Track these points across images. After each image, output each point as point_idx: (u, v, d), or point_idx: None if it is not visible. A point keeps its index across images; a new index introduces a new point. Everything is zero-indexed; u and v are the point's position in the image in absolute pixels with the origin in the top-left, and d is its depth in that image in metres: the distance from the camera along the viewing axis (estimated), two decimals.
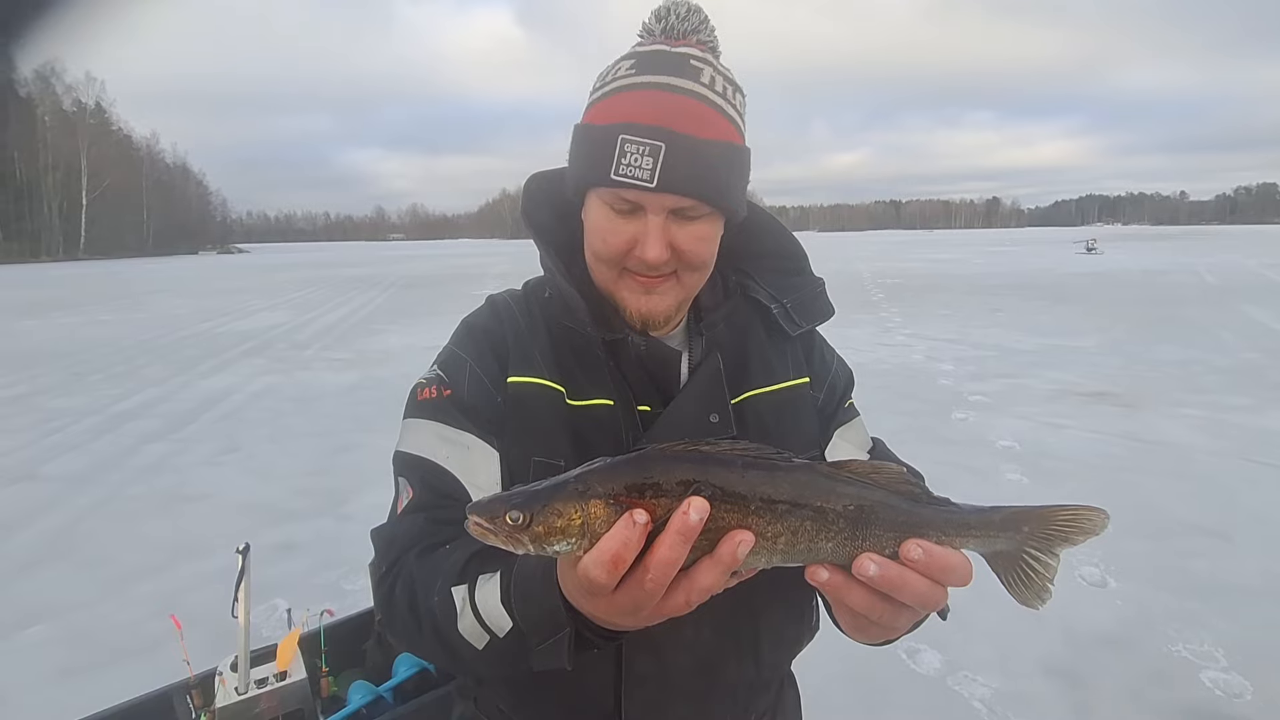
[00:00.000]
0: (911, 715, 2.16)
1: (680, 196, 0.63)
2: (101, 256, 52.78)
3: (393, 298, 15.96)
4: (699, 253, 0.67)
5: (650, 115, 0.62)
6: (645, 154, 0.61)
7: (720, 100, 0.66)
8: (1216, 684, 2.26)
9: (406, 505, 0.71)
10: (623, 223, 0.65)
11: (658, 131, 0.61)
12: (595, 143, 0.64)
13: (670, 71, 0.64)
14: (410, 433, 0.73)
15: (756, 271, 0.81)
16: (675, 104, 0.63)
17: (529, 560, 0.57)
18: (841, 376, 0.84)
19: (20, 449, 5.00)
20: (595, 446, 0.69)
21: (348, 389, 6.72)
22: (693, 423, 0.70)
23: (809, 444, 0.77)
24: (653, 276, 0.67)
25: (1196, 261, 23.66)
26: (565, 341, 0.74)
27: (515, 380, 0.72)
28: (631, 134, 0.62)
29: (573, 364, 0.73)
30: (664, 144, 0.61)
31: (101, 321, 12.45)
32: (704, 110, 0.64)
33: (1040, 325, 10.06)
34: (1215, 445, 4.64)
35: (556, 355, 0.73)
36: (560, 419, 0.71)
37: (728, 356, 0.75)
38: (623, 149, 0.62)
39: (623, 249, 0.66)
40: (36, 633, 2.68)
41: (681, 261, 0.67)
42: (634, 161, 0.61)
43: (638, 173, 0.62)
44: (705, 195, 0.64)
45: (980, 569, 0.56)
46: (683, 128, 0.62)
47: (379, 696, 1.98)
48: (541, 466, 0.69)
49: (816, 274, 0.84)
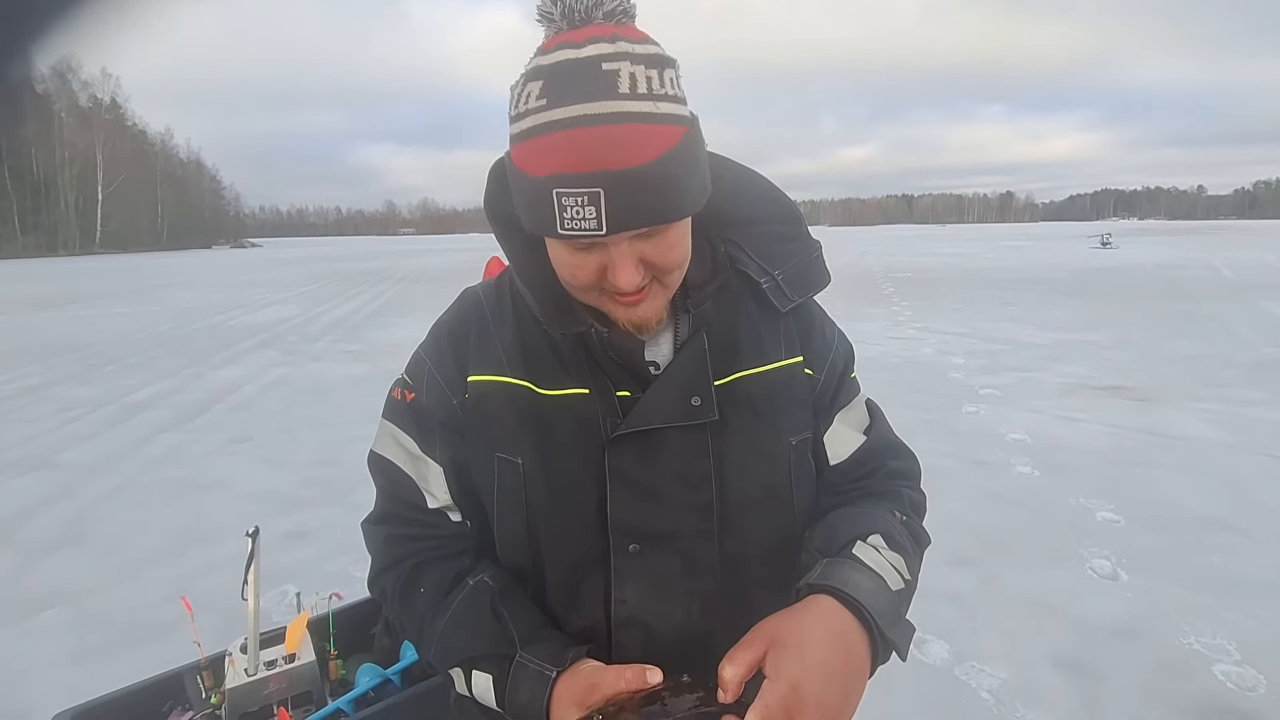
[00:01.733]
0: (918, 705, 2.15)
1: (634, 230, 0.59)
2: (117, 251, 53.35)
3: (403, 291, 16.03)
4: (674, 259, 0.63)
5: (578, 161, 0.56)
6: (585, 204, 0.56)
7: (647, 105, 0.57)
8: (1229, 677, 2.24)
9: (375, 509, 0.79)
10: (586, 256, 0.62)
11: (591, 178, 0.55)
12: (531, 195, 0.59)
13: (584, 95, 0.56)
14: (379, 433, 0.78)
15: (747, 240, 0.76)
16: (600, 139, 0.55)
17: (524, 683, 0.65)
18: (842, 352, 0.81)
19: (38, 437, 5.07)
20: (572, 436, 0.69)
21: (358, 380, 6.76)
22: (674, 406, 0.68)
23: (800, 426, 0.75)
24: (632, 294, 0.64)
25: (1214, 256, 23.31)
26: (539, 331, 0.72)
27: (475, 379, 0.72)
28: (565, 186, 0.56)
29: (546, 354, 0.71)
30: (601, 189, 0.55)
31: (116, 314, 12.59)
32: (633, 132, 0.56)
33: (1053, 319, 9.95)
34: (1231, 440, 4.58)
35: (524, 347, 0.72)
36: (522, 415, 0.70)
37: (716, 335, 0.72)
38: (561, 203, 0.57)
39: (594, 279, 0.63)
40: (52, 616, 2.72)
41: (657, 270, 0.63)
42: (576, 215, 0.57)
43: (584, 224, 0.57)
44: (662, 219, 0.59)
45: (989, 557, 0.55)
46: (615, 163, 0.55)
47: (387, 679, 1.99)
48: (502, 463, 0.70)
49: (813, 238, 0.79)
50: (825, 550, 0.68)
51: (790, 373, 0.75)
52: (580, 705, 0.60)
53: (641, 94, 0.57)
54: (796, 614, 0.61)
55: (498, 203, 0.71)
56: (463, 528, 0.75)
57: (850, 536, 0.68)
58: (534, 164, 0.58)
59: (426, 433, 0.74)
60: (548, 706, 0.62)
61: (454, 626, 0.69)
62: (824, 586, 0.62)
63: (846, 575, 0.63)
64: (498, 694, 0.66)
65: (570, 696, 0.62)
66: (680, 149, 0.59)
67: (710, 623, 0.71)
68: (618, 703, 0.59)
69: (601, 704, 0.59)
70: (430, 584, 0.72)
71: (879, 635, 0.61)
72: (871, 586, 0.63)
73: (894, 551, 0.68)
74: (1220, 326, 8.99)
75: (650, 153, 0.57)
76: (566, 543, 0.70)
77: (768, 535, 0.73)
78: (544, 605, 0.72)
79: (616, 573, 0.69)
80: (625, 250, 0.61)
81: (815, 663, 0.57)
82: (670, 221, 0.61)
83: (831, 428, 0.78)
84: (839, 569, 0.64)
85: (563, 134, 0.56)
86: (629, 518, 0.68)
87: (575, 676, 0.63)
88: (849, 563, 0.65)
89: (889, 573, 0.66)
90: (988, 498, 3.69)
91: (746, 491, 0.71)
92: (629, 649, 0.70)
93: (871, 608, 0.61)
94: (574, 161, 0.56)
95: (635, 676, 0.60)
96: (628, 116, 0.56)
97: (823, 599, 0.62)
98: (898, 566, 0.67)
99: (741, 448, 0.71)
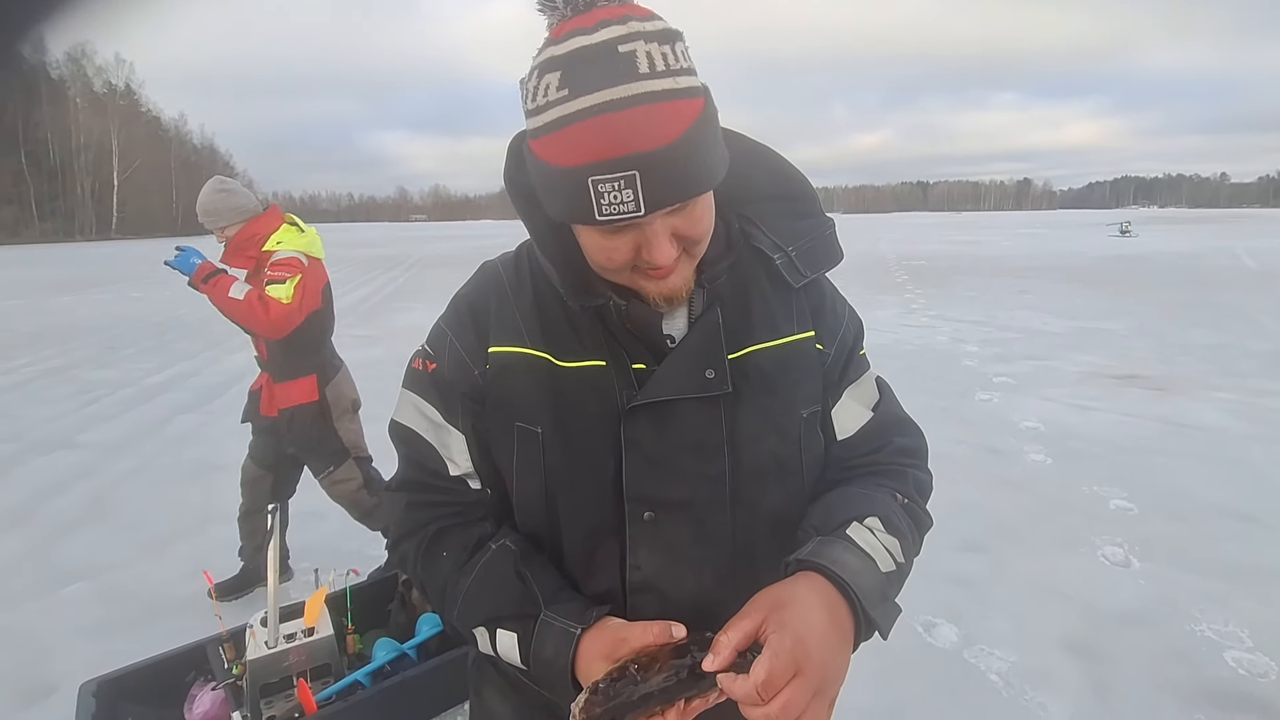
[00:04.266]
0: (927, 687, 2.16)
1: (673, 206, 0.60)
2: (133, 236, 53.83)
3: (415, 277, 16.09)
4: (703, 229, 0.65)
5: (610, 147, 0.56)
6: (623, 188, 0.57)
7: (667, 82, 0.57)
8: (1240, 663, 2.23)
9: (396, 476, 0.81)
10: (620, 238, 0.62)
11: (625, 161, 0.56)
12: (563, 186, 0.60)
13: (606, 80, 0.56)
14: (400, 403, 0.80)
15: (760, 217, 0.77)
16: (629, 122, 0.56)
17: (549, 640, 0.67)
18: (852, 328, 0.82)
19: (59, 418, 5.16)
20: (589, 407, 0.70)
21: (373, 363, 6.77)
22: (688, 379, 0.70)
23: (810, 399, 0.76)
24: (665, 267, 0.65)
25: (1236, 245, 22.90)
26: (557, 304, 0.73)
27: (496, 350, 0.73)
28: (600, 173, 0.56)
29: (564, 326, 0.72)
30: (637, 171, 0.56)
31: (133, 298, 12.75)
32: (659, 112, 0.57)
33: (1069, 308, 9.84)
34: (1248, 429, 4.53)
35: (543, 320, 0.73)
36: (541, 386, 0.71)
37: (730, 310, 0.73)
38: (597, 190, 0.57)
39: (629, 259, 0.64)
40: (76, 590, 2.79)
41: (688, 242, 0.65)
42: (614, 200, 0.57)
43: (622, 208, 0.57)
44: (694, 192, 0.61)
45: (1000, 543, 0.56)
46: (647, 144, 0.56)
47: (403, 654, 2.04)
48: (522, 432, 0.72)
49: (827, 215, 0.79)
50: (820, 529, 0.70)
51: (802, 347, 0.76)
52: (609, 658, 0.63)
53: (660, 71, 0.57)
54: (789, 585, 0.64)
55: (519, 176, 0.71)
56: (483, 495, 0.77)
57: (846, 517, 0.70)
58: (563, 155, 0.58)
59: (449, 402, 0.75)
60: (573, 661, 0.65)
61: (478, 588, 0.71)
62: (812, 563, 0.65)
63: (836, 554, 0.65)
64: (522, 652, 0.68)
65: (597, 649, 0.64)
66: (702, 120, 0.60)
67: (721, 589, 0.73)
68: (649, 653, 0.61)
69: (631, 656, 0.61)
70: (453, 548, 0.74)
71: (862, 613, 0.63)
72: (859, 566, 0.65)
73: (890, 535, 0.70)
74: (1241, 316, 8.85)
75: (678, 128, 0.57)
76: (583, 510, 0.72)
77: (778, 505, 0.74)
78: (561, 571, 0.74)
79: (631, 540, 0.71)
80: (660, 227, 0.62)
81: (815, 622, 0.60)
82: (703, 193, 0.62)
83: (840, 402, 0.79)
84: (830, 548, 0.66)
85: (590, 122, 0.56)
86: (644, 487, 0.70)
87: (602, 631, 0.66)
88: (841, 543, 0.67)
89: (881, 555, 0.68)
90: (1000, 484, 3.68)
91: (758, 462, 0.73)
92: (643, 613, 0.71)
93: (856, 586, 0.63)
94: (606, 148, 0.56)
95: (661, 631, 0.62)
96: (652, 96, 0.57)
97: (811, 575, 0.64)
98: (891, 550, 0.69)
99: (754, 420, 0.72)
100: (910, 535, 0.72)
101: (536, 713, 0.77)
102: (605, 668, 0.61)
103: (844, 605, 0.63)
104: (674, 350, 0.71)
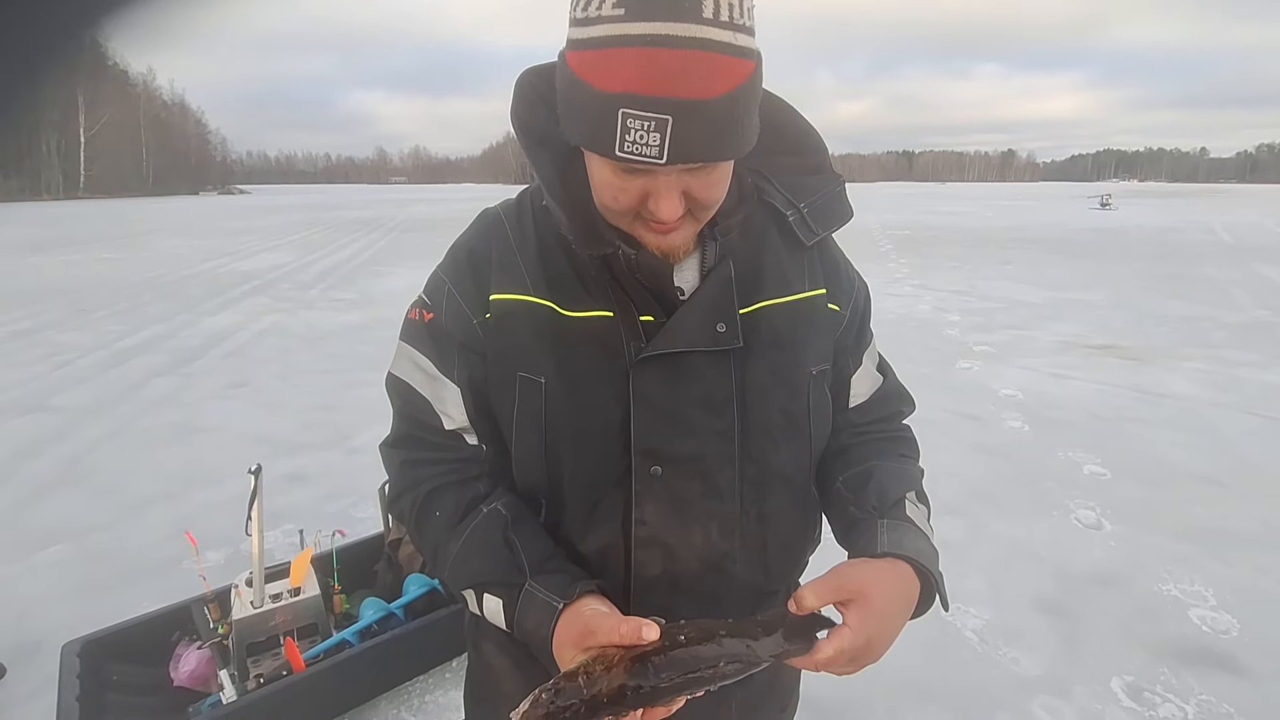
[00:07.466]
0: (904, 643, 2.20)
1: (692, 164, 0.58)
2: (102, 195, 52.22)
3: (395, 240, 15.82)
4: (714, 196, 0.63)
5: (652, 83, 0.53)
6: (651, 129, 0.54)
7: (727, 35, 0.54)
8: (1204, 620, 2.32)
9: (392, 432, 0.79)
10: (631, 180, 0.60)
11: (662, 103, 0.53)
12: (592, 110, 0.57)
13: (667, 13, 0.53)
14: (396, 355, 0.78)
15: (773, 172, 0.76)
16: (678, 64, 0.53)
17: (531, 611, 0.67)
18: (864, 294, 0.83)
19: (30, 381, 5.05)
20: (595, 357, 0.69)
21: (353, 328, 6.72)
22: (699, 332, 0.68)
23: (820, 357, 0.76)
24: (667, 223, 0.63)
25: (1213, 219, 23.21)
26: (562, 252, 0.71)
27: (497, 298, 0.71)
28: (633, 107, 0.54)
29: (569, 275, 0.70)
30: (670, 116, 0.54)
31: (104, 259, 12.40)
32: (711, 62, 0.54)
33: (1049, 279, 9.95)
34: (1220, 398, 4.65)
35: (547, 268, 0.71)
36: (545, 335, 0.69)
37: (741, 265, 0.72)
38: (625, 124, 0.55)
39: (634, 204, 0.62)
40: (55, 552, 2.76)
41: (696, 205, 0.63)
42: (639, 139, 0.55)
43: (644, 150, 0.55)
44: (719, 156, 0.59)
45: (977, 506, 0.57)
46: (689, 92, 0.54)
47: (390, 613, 2.05)
48: (524, 383, 0.70)
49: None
50: (880, 509, 0.72)
51: (813, 305, 0.75)
52: (576, 646, 0.62)
53: (724, 21, 0.54)
54: (886, 578, 0.65)
55: (528, 116, 0.69)
56: (478, 451, 0.75)
57: (899, 495, 0.73)
58: (601, 77, 0.55)
59: (444, 353, 0.73)
60: (551, 637, 0.65)
61: (467, 552, 0.70)
62: (905, 557, 0.67)
63: (919, 545, 0.69)
64: (507, 617, 0.69)
65: (567, 636, 0.63)
66: (748, 86, 0.57)
67: (728, 544, 0.73)
68: (606, 661, 0.58)
69: (595, 654, 0.59)
70: (446, 509, 0.73)
71: (939, 600, 0.69)
72: (932, 552, 0.69)
73: (921, 505, 0.75)
74: (1215, 289, 9.01)
75: (721, 86, 0.55)
76: (587, 463, 0.71)
77: (786, 461, 0.74)
78: (560, 526, 0.73)
79: (637, 494, 0.70)
80: (673, 181, 0.60)
81: (891, 629, 0.64)
82: (727, 160, 0.60)
83: (861, 368, 0.81)
84: (909, 538, 0.69)
85: (639, 51, 0.53)
86: (652, 440, 0.69)
87: (575, 618, 0.64)
88: (911, 529, 0.70)
89: (930, 531, 0.73)
90: (978, 451, 3.75)
91: (767, 418, 0.72)
92: (649, 568, 0.71)
93: (937, 575, 0.68)
94: (647, 83, 0.53)
95: (630, 631, 0.58)
96: (707, 44, 0.54)
97: (903, 567, 0.67)
98: (929, 521, 0.75)
99: (764, 375, 0.71)
100: (928, 503, 0.77)
101: (534, 664, 0.77)
102: (572, 655, 0.60)
103: (918, 592, 0.67)
104: (686, 302, 0.70)
